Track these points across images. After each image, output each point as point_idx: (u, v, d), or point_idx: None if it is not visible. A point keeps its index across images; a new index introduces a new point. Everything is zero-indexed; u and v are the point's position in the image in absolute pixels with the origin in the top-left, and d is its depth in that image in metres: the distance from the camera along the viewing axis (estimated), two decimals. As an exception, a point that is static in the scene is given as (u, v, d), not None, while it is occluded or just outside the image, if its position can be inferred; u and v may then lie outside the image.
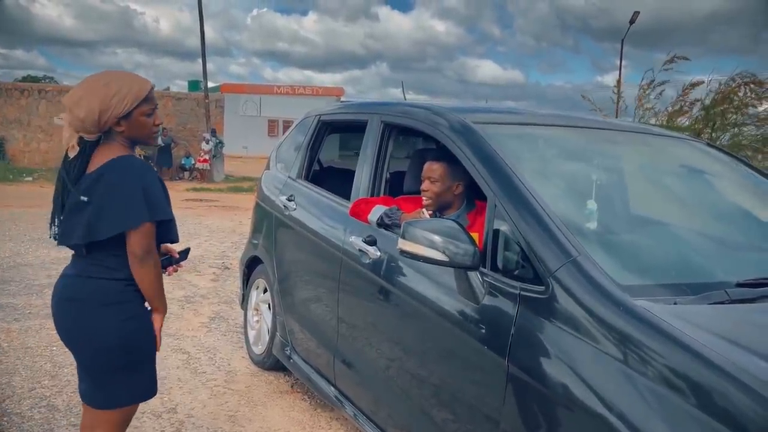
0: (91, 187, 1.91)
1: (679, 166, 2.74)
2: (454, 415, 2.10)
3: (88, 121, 1.92)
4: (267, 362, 3.80)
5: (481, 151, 2.23)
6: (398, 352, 2.44)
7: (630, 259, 1.97)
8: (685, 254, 2.11)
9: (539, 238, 1.88)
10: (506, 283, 1.94)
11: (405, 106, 2.86)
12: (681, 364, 1.46)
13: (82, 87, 1.96)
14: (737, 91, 8.04)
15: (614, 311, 1.63)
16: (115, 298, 1.96)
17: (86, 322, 1.94)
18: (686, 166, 2.76)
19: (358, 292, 2.74)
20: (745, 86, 7.97)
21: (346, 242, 2.82)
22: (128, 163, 1.92)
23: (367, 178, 2.90)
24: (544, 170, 2.36)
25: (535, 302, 1.83)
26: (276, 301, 3.59)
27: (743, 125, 7.93)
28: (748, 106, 7.92)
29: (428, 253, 2.02)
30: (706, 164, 2.75)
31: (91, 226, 1.89)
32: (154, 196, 1.90)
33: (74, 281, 1.97)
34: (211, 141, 19.45)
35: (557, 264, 1.80)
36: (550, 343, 1.75)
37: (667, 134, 3.17)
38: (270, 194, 3.86)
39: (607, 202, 2.34)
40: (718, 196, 2.62)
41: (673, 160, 2.73)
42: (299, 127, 3.88)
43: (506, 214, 2.00)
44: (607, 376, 1.60)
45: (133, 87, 1.97)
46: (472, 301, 2.03)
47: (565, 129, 2.66)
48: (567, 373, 1.68)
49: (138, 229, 1.87)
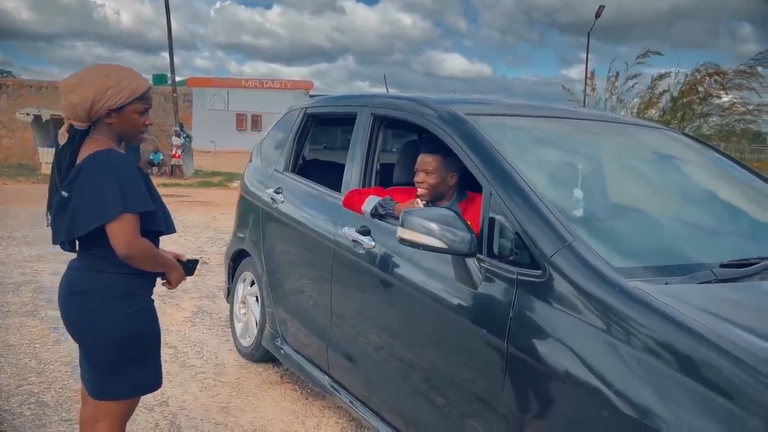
0: (72, 182, 1.92)
1: (656, 155, 2.86)
2: (453, 398, 2.18)
3: (80, 108, 1.93)
4: (256, 354, 3.83)
5: (474, 142, 2.30)
6: (395, 339, 2.51)
7: (618, 243, 2.06)
8: (668, 238, 2.22)
9: (535, 224, 1.97)
10: (503, 269, 2.02)
11: (396, 99, 2.92)
12: (675, 338, 1.55)
13: (81, 74, 1.97)
14: (702, 83, 8.33)
15: (611, 292, 1.72)
16: (123, 291, 1.98)
17: (95, 314, 1.95)
18: (663, 154, 2.88)
19: (351, 281, 2.80)
20: (709, 77, 8.26)
21: (338, 233, 2.87)
22: (105, 157, 1.91)
23: (358, 170, 2.95)
24: (534, 160, 2.45)
25: (532, 286, 1.91)
26: (265, 293, 3.62)
27: (708, 115, 8.21)
28: (713, 96, 8.21)
29: (427, 241, 2.08)
30: (682, 152, 2.87)
31: (71, 222, 1.90)
32: (131, 188, 1.89)
33: (82, 274, 1.98)
34: (181, 135, 19.21)
35: (553, 249, 1.89)
36: (549, 324, 1.83)
37: (644, 124, 3.30)
38: (255, 188, 3.88)
39: (591, 190, 2.44)
40: (694, 183, 2.74)
41: (651, 149, 2.85)
42: (283, 121, 3.90)
43: (502, 202, 2.08)
44: (604, 353, 1.68)
45: (132, 82, 1.99)
46: (470, 287, 2.11)
47: (552, 120, 2.75)
48: (566, 351, 1.76)
49: (115, 221, 1.85)
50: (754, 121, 8.17)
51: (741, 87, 8.05)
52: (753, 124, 8.18)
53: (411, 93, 3.19)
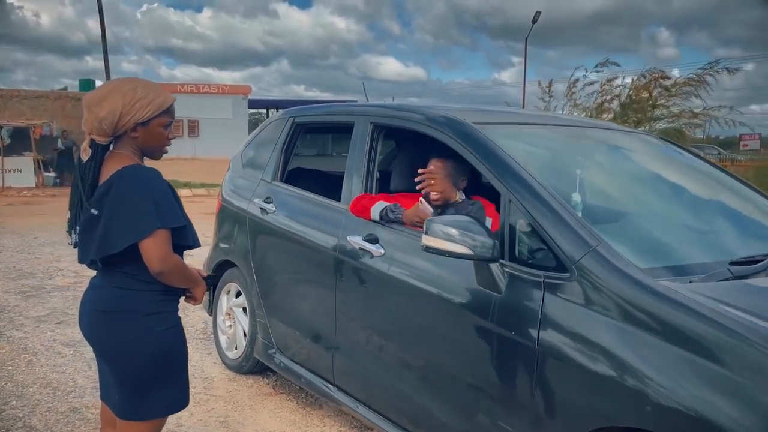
0: (101, 199, 1.88)
1: (649, 160, 3.02)
2: (482, 402, 2.24)
3: (106, 122, 1.90)
4: (246, 366, 3.79)
5: (489, 151, 2.38)
6: (412, 346, 2.55)
7: (635, 245, 2.18)
8: (676, 239, 2.37)
9: (559, 229, 2.06)
10: (529, 273, 2.11)
11: (398, 109, 2.96)
12: (716, 336, 1.66)
13: (107, 88, 1.95)
14: (649, 87, 8.78)
15: (642, 292, 1.83)
16: (153, 308, 1.94)
17: (126, 332, 1.91)
18: (656, 160, 3.03)
19: (359, 289, 2.82)
20: (655, 82, 8.71)
21: (342, 241, 2.89)
22: (137, 172, 1.90)
23: (359, 179, 2.98)
24: (543, 166, 2.55)
25: (561, 288, 2.00)
26: (256, 303, 3.59)
27: (658, 119, 8.66)
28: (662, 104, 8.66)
29: (453, 248, 2.15)
30: (672, 159, 3.05)
31: (103, 240, 1.86)
32: (164, 203, 1.88)
33: (110, 293, 1.94)
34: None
35: (580, 252, 1.98)
36: (581, 324, 1.92)
37: (627, 130, 3.48)
38: (240, 198, 3.84)
39: (599, 195, 2.56)
40: (687, 186, 2.91)
41: (643, 154, 3.02)
42: (268, 130, 3.89)
43: (523, 208, 2.17)
44: (642, 352, 1.77)
45: (158, 96, 1.97)
46: (494, 291, 2.18)
47: (552, 128, 2.88)
48: (600, 351, 1.86)
49: (150, 237, 1.83)
50: (701, 125, 8.67)
51: (690, 94, 8.55)
52: (699, 128, 8.69)
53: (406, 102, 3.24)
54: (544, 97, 9.59)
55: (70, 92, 22.27)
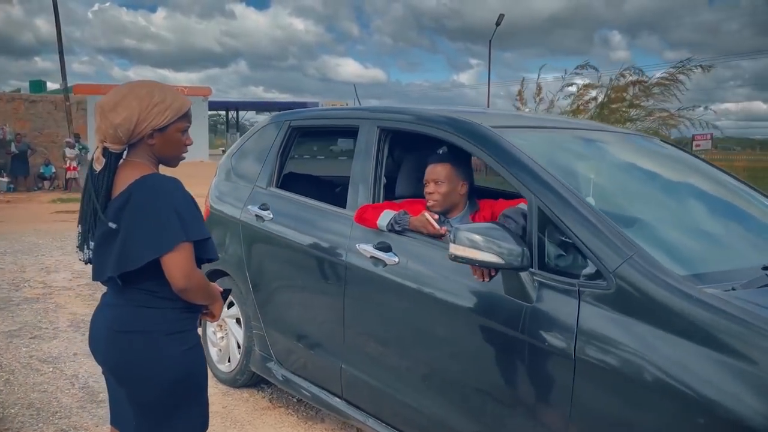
0: (119, 211, 1.75)
1: (667, 163, 3.00)
2: (514, 416, 2.17)
3: (122, 129, 1.77)
4: (240, 379, 3.64)
5: (512, 156, 2.32)
6: (433, 358, 2.46)
7: (669, 251, 2.15)
8: (706, 245, 2.35)
9: (594, 236, 2.01)
10: (562, 281, 2.05)
11: (408, 113, 2.88)
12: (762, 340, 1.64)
13: (121, 92, 1.81)
14: (626, 89, 8.92)
15: (689, 301, 1.78)
16: (175, 327, 1.82)
17: (149, 354, 1.78)
18: (672, 162, 3.01)
19: (372, 300, 2.73)
20: (633, 86, 8.86)
21: (351, 250, 2.79)
22: (157, 182, 1.78)
23: (365, 185, 2.89)
24: (567, 171, 2.50)
25: (597, 297, 1.95)
26: (252, 314, 3.46)
27: (635, 120, 8.78)
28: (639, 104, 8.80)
29: (483, 257, 2.07)
30: (686, 162, 3.03)
31: (122, 255, 1.73)
32: (188, 215, 1.77)
33: (129, 311, 1.80)
34: (76, 146, 18.00)
35: (618, 260, 1.93)
36: (622, 334, 1.87)
37: (635, 133, 3.47)
38: (231, 204, 3.70)
39: (625, 199, 2.53)
40: (704, 191, 2.89)
41: (659, 157, 3.00)
42: (260, 134, 3.75)
43: (553, 214, 2.11)
44: (690, 360, 1.72)
45: (176, 99, 1.85)
46: (524, 301, 2.11)
47: (571, 132, 2.84)
48: (644, 360, 1.80)
49: (173, 251, 1.71)
50: (676, 126, 8.85)
51: (663, 95, 8.71)
52: (674, 128, 8.86)
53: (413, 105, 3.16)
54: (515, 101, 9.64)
55: (24, 94, 21.49)
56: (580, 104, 9.07)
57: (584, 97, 9.08)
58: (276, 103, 50.24)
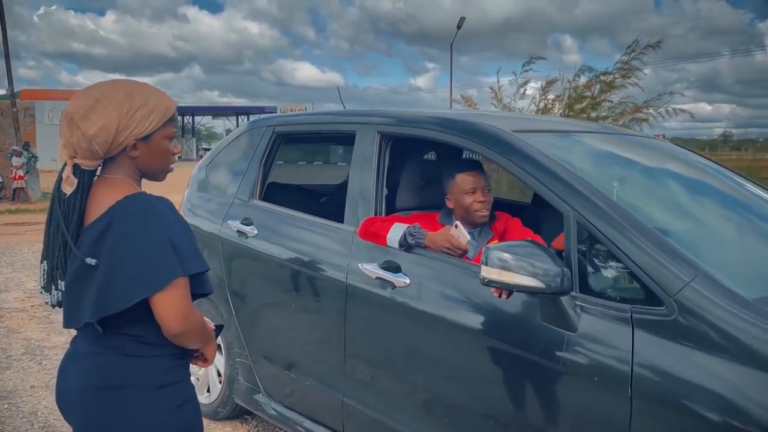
0: (97, 242, 1.42)
1: (701, 169, 2.78)
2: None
3: (98, 141, 1.44)
4: (222, 412, 3.30)
5: (545, 165, 2.06)
6: (455, 392, 2.19)
7: (728, 271, 1.91)
8: (759, 262, 2.13)
9: (650, 256, 1.76)
10: (610, 306, 1.81)
11: (414, 118, 2.60)
12: None
13: (92, 96, 1.47)
14: (590, 87, 8.84)
15: (760, 327, 1.57)
16: (166, 378, 1.50)
17: (136, 413, 1.45)
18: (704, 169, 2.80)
19: (379, 327, 2.44)
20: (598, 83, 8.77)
21: (352, 270, 2.50)
22: (145, 204, 1.45)
23: (365, 197, 2.60)
24: (605, 180, 2.26)
25: (656, 326, 1.71)
26: (235, 340, 3.12)
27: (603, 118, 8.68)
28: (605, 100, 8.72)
29: (521, 281, 1.81)
30: (716, 169, 2.81)
31: (103, 296, 1.41)
32: (183, 243, 1.45)
33: (109, 362, 1.47)
34: (24, 154, 17.13)
35: (679, 283, 1.70)
36: (686, 367, 1.64)
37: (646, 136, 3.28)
38: (207, 219, 3.36)
39: (672, 215, 2.29)
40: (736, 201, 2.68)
41: (690, 164, 2.78)
42: (240, 141, 3.42)
43: (597, 231, 1.86)
44: (762, 397, 1.53)
45: (161, 101, 1.52)
46: (566, 329, 1.86)
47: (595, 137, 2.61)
48: (711, 396, 1.58)
49: (167, 289, 1.40)
50: (646, 120, 8.79)
51: (625, 86, 8.66)
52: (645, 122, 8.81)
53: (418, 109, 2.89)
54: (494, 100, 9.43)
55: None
56: (546, 103, 8.92)
57: (548, 96, 8.97)
58: (232, 108, 49.48)
